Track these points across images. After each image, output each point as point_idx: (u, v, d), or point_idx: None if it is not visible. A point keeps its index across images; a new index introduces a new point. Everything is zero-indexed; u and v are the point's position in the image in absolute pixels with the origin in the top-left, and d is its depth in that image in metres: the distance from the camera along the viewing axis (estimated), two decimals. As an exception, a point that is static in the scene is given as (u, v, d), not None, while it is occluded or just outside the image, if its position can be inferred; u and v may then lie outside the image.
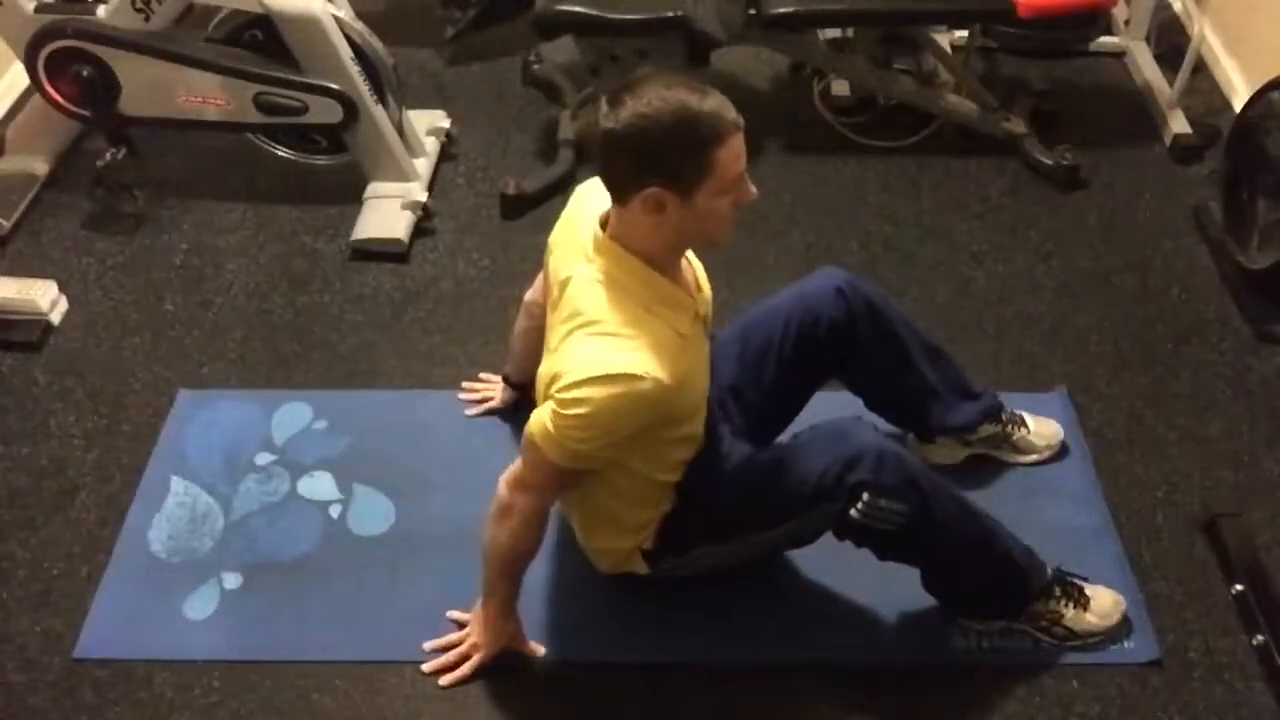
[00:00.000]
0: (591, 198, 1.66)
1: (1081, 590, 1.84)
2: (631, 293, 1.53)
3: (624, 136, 1.43)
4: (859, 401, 2.03)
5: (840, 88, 3.06)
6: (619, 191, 1.50)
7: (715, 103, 1.45)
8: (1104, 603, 1.85)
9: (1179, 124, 2.90)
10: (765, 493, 1.72)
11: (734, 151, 1.46)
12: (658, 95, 1.43)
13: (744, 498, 1.75)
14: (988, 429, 2.08)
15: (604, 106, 1.46)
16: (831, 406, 1.92)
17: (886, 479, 1.63)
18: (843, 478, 1.63)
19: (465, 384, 2.28)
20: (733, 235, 1.58)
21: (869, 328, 1.90)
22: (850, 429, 1.70)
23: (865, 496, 1.62)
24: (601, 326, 1.51)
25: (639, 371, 1.47)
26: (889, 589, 1.88)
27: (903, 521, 1.65)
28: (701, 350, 1.66)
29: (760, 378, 1.88)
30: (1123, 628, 1.86)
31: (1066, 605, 1.82)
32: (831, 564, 1.89)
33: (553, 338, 1.60)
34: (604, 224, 1.58)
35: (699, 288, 1.69)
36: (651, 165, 1.45)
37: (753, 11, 2.69)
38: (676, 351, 1.53)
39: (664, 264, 1.57)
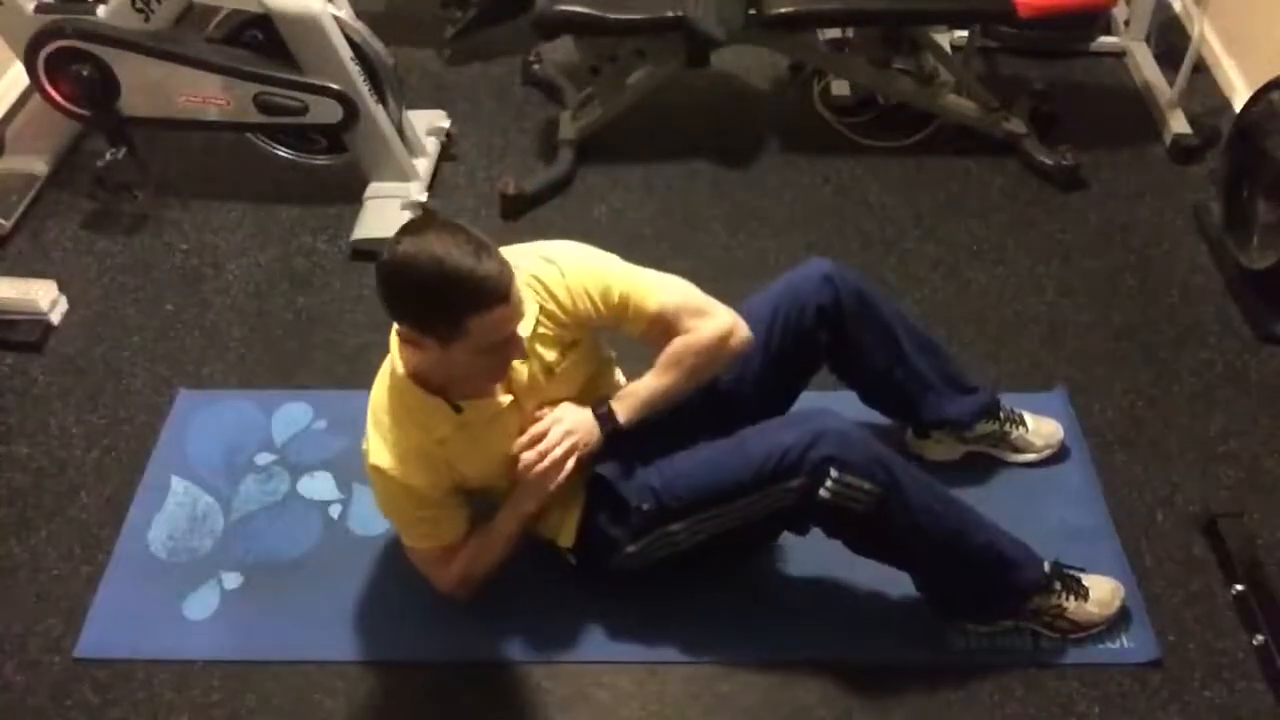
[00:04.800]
0: None
1: (1080, 581, 1.84)
2: (395, 407, 1.67)
3: (386, 272, 1.48)
4: (854, 401, 2.03)
5: (840, 88, 3.05)
6: (388, 313, 1.54)
7: (487, 270, 1.46)
8: (1103, 592, 1.85)
9: (1179, 124, 2.90)
10: (728, 467, 1.70)
11: (495, 320, 1.49)
12: (433, 245, 1.45)
13: (702, 476, 1.72)
14: (985, 426, 2.08)
15: (397, 231, 1.51)
16: (823, 406, 1.90)
17: (852, 455, 1.63)
18: (807, 453, 1.62)
19: None
20: (501, 381, 1.66)
21: (857, 314, 1.90)
22: (817, 411, 1.72)
23: (833, 472, 1.62)
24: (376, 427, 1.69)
25: (385, 467, 1.66)
26: (888, 589, 1.88)
27: (871, 501, 1.63)
28: (489, 436, 1.69)
29: (746, 369, 1.87)
30: (1122, 617, 1.86)
31: (1067, 598, 1.82)
32: (831, 564, 1.89)
33: None
34: None
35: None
36: (402, 310, 1.51)
37: (753, 11, 2.69)
38: (429, 453, 1.67)
39: (429, 385, 1.63)
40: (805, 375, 1.96)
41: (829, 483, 1.62)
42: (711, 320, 1.74)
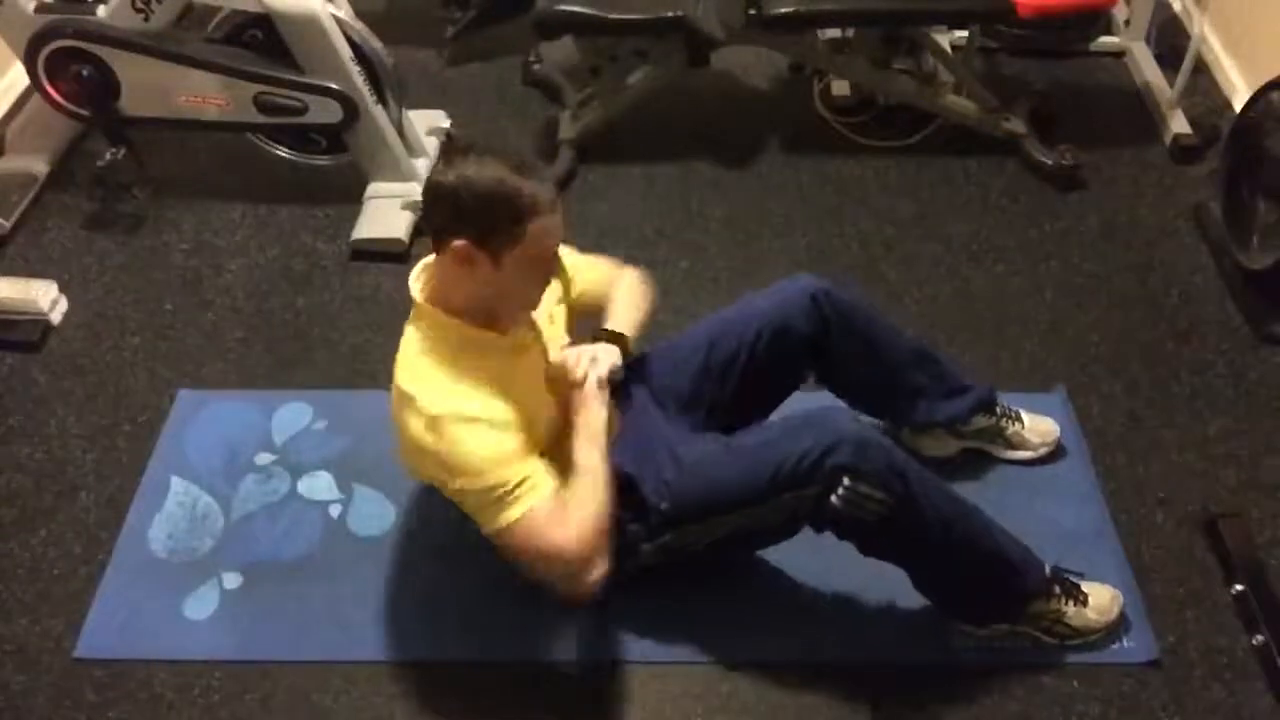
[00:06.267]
0: None
1: (1079, 587, 1.84)
2: (442, 353, 1.64)
3: (447, 189, 1.53)
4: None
5: (840, 88, 3.06)
6: (435, 239, 1.59)
7: (538, 182, 1.55)
8: (1102, 598, 1.85)
9: (1179, 124, 2.90)
10: (743, 474, 1.70)
11: (547, 228, 1.57)
12: (489, 161, 1.53)
13: (720, 478, 1.72)
14: (980, 421, 2.08)
15: (440, 159, 1.57)
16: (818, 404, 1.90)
17: (868, 465, 1.62)
18: (822, 461, 1.61)
19: None
20: (538, 303, 1.70)
21: (844, 336, 1.90)
22: (833, 414, 1.71)
23: (846, 481, 1.61)
24: (426, 404, 1.59)
25: (453, 409, 1.58)
26: (889, 589, 1.88)
27: (884, 512, 1.63)
28: (528, 365, 1.74)
29: (724, 386, 1.88)
30: (1121, 623, 1.86)
31: (1067, 603, 1.81)
32: (831, 564, 1.89)
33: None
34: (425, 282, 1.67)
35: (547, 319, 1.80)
36: (465, 220, 1.54)
37: (753, 11, 2.69)
38: (491, 382, 1.63)
39: (475, 315, 1.65)
40: (795, 381, 1.98)
41: (841, 490, 1.62)
42: (628, 269, 1.97)
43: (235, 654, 1.88)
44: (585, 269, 1.94)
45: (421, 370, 1.62)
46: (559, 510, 1.59)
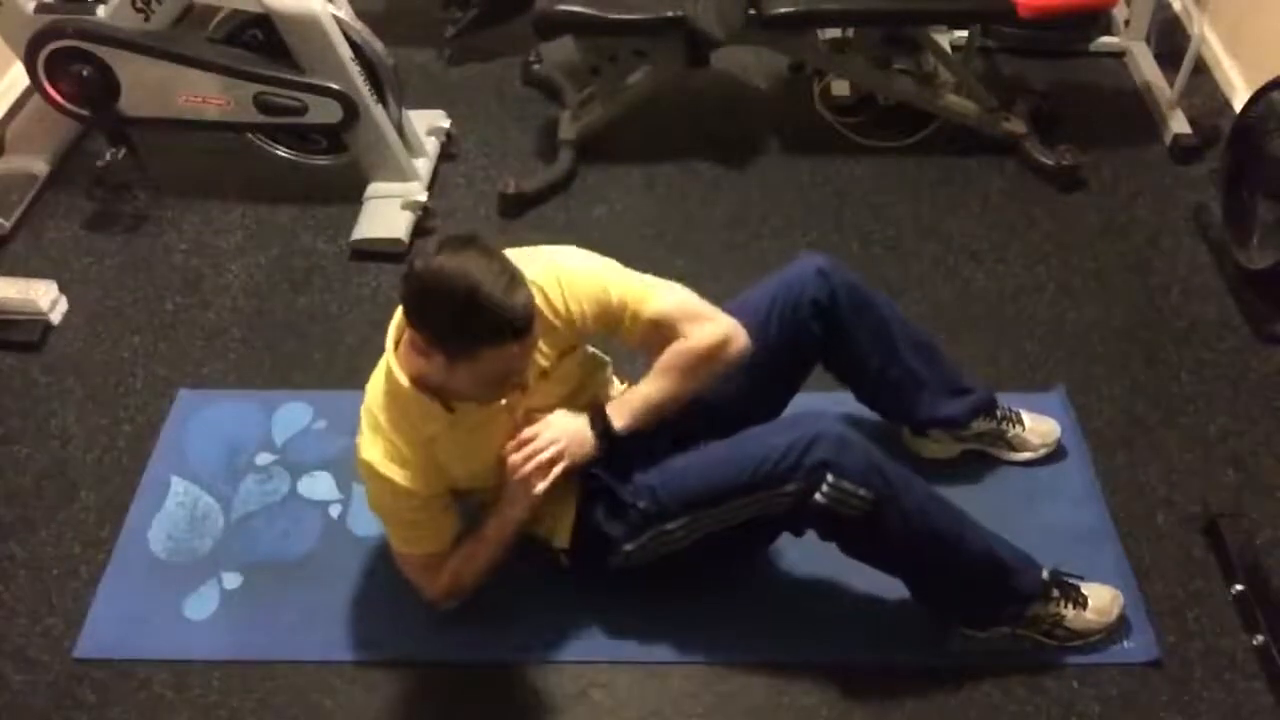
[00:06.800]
0: None
1: (1078, 589, 1.83)
2: (391, 404, 1.67)
3: (419, 281, 1.50)
4: (851, 401, 2.04)
5: (840, 88, 3.05)
6: (405, 318, 1.58)
7: (515, 304, 1.49)
8: (1102, 600, 1.84)
9: (1179, 124, 2.90)
10: (725, 469, 1.69)
11: (508, 354, 1.52)
12: (470, 267, 1.47)
13: (700, 475, 1.72)
14: (981, 424, 2.08)
15: (435, 243, 1.54)
16: (821, 407, 1.91)
17: (848, 461, 1.62)
18: (803, 458, 1.62)
19: None
20: (497, 402, 1.67)
21: (851, 309, 1.89)
22: (814, 414, 1.72)
23: (829, 478, 1.61)
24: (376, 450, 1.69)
25: (374, 463, 1.68)
26: (888, 590, 1.87)
27: (866, 509, 1.63)
28: (480, 438, 1.71)
29: (742, 366, 1.85)
30: (1121, 624, 1.86)
31: (1066, 606, 1.81)
32: (832, 565, 1.88)
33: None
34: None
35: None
36: (423, 319, 1.53)
37: (753, 11, 2.69)
38: (420, 452, 1.67)
39: (429, 386, 1.64)
40: (801, 371, 1.96)
41: (824, 488, 1.62)
42: (710, 325, 1.73)
43: (235, 654, 1.88)
44: (635, 320, 1.69)
45: (371, 413, 1.70)
46: (433, 564, 1.81)
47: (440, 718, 1.82)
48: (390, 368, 1.65)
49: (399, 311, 1.63)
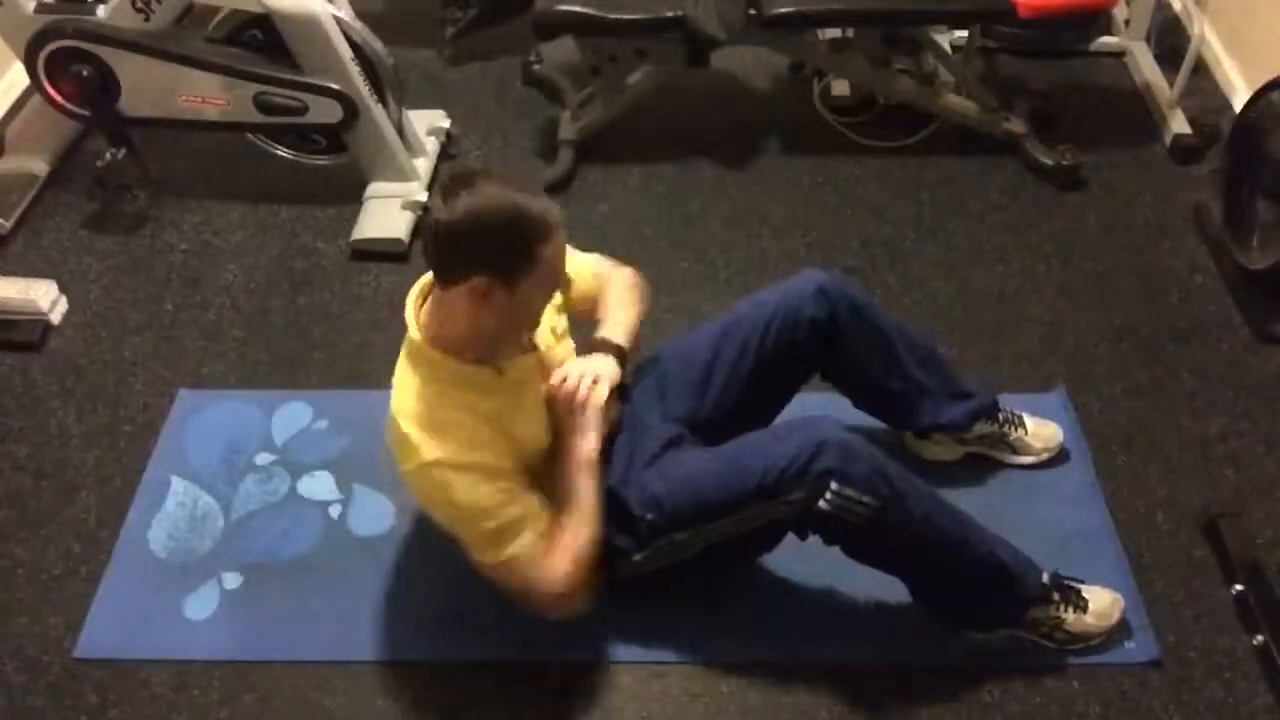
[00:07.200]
0: None
1: (1079, 592, 1.83)
2: (439, 396, 1.64)
3: (456, 229, 1.51)
4: (846, 402, 2.03)
5: (840, 88, 3.06)
6: (447, 279, 1.58)
7: (543, 204, 1.55)
8: (1102, 603, 1.84)
9: (1179, 124, 2.90)
10: (731, 479, 1.70)
11: (557, 246, 1.58)
12: (491, 191, 1.51)
13: (705, 485, 1.72)
14: (983, 427, 2.08)
15: (438, 198, 1.53)
16: (819, 408, 1.90)
17: (854, 468, 1.62)
18: (808, 466, 1.62)
19: None
20: (540, 321, 1.72)
21: (852, 327, 1.90)
22: (817, 420, 1.71)
23: (833, 485, 1.61)
24: (431, 453, 1.62)
25: (447, 456, 1.61)
26: (889, 591, 1.87)
27: (870, 515, 1.63)
28: (529, 393, 1.74)
29: (732, 380, 1.87)
30: (1122, 627, 1.86)
31: (1066, 609, 1.81)
32: (832, 566, 1.88)
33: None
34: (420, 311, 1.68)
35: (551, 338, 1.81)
36: (479, 258, 1.53)
37: (753, 11, 2.69)
38: (484, 426, 1.65)
39: (478, 348, 1.65)
40: (796, 383, 1.97)
41: (829, 495, 1.62)
42: (623, 267, 1.96)
43: (235, 654, 1.88)
44: (579, 270, 1.90)
45: (419, 413, 1.64)
46: (545, 551, 1.68)
47: (440, 718, 1.82)
48: (431, 361, 1.63)
49: (414, 292, 1.67)
